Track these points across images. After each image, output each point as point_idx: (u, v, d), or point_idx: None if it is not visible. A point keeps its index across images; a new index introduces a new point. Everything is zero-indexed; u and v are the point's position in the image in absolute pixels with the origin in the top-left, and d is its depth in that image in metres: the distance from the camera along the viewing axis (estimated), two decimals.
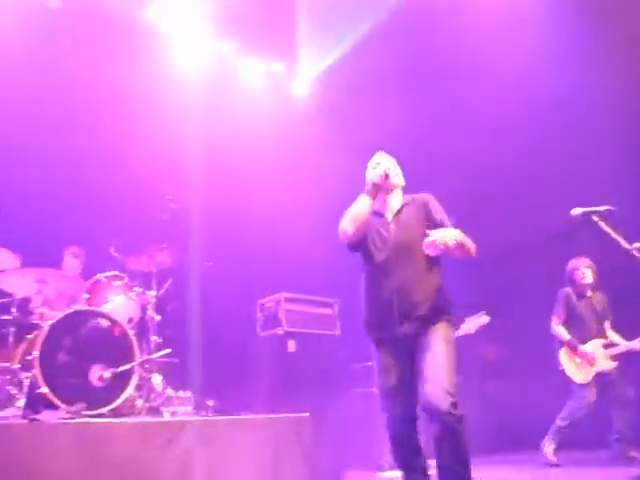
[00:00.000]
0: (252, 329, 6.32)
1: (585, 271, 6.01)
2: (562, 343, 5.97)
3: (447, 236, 3.26)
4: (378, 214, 3.67)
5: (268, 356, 6.02)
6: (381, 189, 3.59)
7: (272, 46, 7.35)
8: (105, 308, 4.75)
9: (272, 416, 4.40)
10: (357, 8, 6.88)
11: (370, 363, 5.40)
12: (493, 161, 6.88)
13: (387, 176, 3.57)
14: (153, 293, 5.12)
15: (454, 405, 3.17)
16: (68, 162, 5.79)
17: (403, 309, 3.42)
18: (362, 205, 3.54)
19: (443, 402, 3.14)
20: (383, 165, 3.64)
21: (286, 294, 6.26)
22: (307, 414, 4.40)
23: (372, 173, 3.65)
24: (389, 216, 3.64)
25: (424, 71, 6.86)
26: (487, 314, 5.39)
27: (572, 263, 6.13)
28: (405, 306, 3.42)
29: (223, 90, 7.09)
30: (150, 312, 5.06)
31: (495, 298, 5.78)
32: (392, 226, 3.58)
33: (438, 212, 3.59)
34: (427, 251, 3.29)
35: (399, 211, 3.63)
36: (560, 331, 5.98)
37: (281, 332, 6.02)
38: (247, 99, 7.33)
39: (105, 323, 4.52)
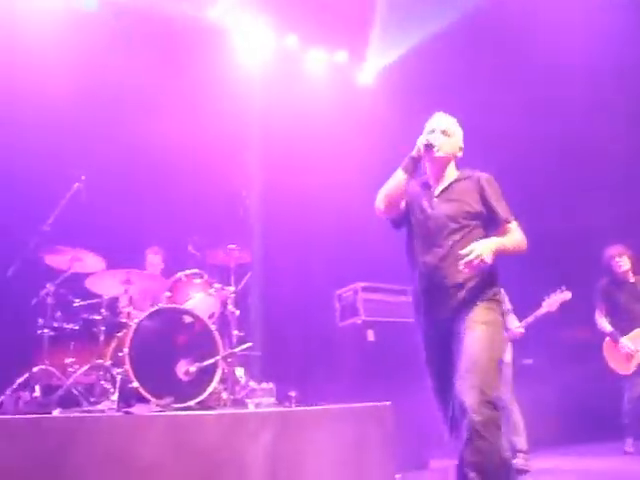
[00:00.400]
0: (331, 319, 6.38)
1: (620, 259, 5.92)
2: (605, 335, 5.86)
3: (484, 251, 2.91)
4: (426, 185, 3.36)
5: (348, 346, 6.06)
6: (420, 162, 3.24)
7: (335, 36, 7.31)
8: (187, 305, 4.91)
9: (354, 406, 4.42)
10: (430, 4, 6.77)
11: None
12: (570, 147, 6.73)
13: (428, 148, 3.16)
14: (232, 288, 5.24)
15: (484, 404, 2.75)
16: (143, 166, 6.01)
17: (440, 290, 3.10)
18: (396, 181, 3.23)
19: (470, 400, 2.76)
20: (436, 133, 3.25)
21: (362, 284, 6.28)
22: (388, 403, 4.40)
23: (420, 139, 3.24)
24: (437, 190, 3.30)
25: (491, 68, 6.77)
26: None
27: (607, 252, 6.04)
28: (442, 287, 3.09)
29: (287, 83, 7.13)
30: (230, 307, 5.18)
31: (574, 279, 5.60)
32: (436, 200, 3.26)
33: (493, 196, 3.21)
34: (465, 271, 2.96)
35: (448, 186, 3.29)
36: (602, 323, 5.89)
37: (360, 322, 6.04)
38: (311, 90, 7.35)
39: (188, 319, 4.68)
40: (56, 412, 4.10)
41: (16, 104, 5.48)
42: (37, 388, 4.36)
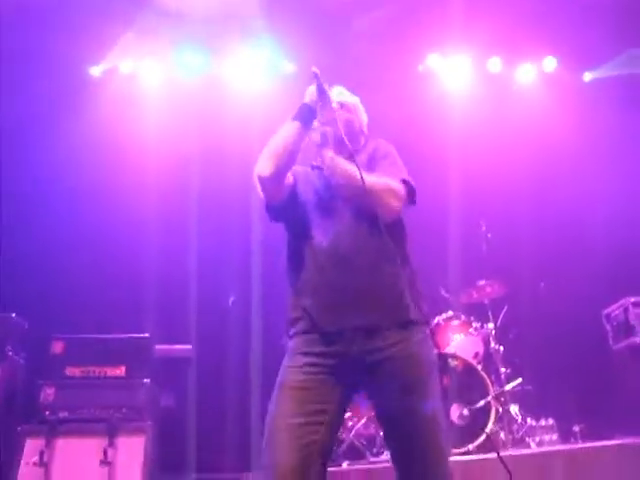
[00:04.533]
0: (602, 342, 5.90)
1: None
2: None
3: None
4: (314, 167, 2.54)
5: (628, 370, 5.52)
6: (314, 115, 2.40)
7: (540, 45, 6.95)
8: (450, 348, 4.94)
9: None
10: None
11: None
12: None
13: (321, 91, 2.37)
14: (491, 325, 5.17)
15: None
16: None
17: (347, 295, 2.21)
18: (289, 132, 2.36)
19: None
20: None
21: (632, 298, 5.73)
22: None
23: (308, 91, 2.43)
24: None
25: None
26: None
27: None
28: (350, 291, 2.21)
29: (497, 102, 6.91)
30: (493, 344, 5.10)
31: None
32: (328, 177, 2.41)
33: (384, 157, 2.47)
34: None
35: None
36: None
37: (638, 341, 5.50)
38: (524, 102, 7.07)
39: (453, 363, 4.71)
40: (345, 464, 4.38)
41: None
42: None
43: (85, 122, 6.09)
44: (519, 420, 4.78)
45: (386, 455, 4.42)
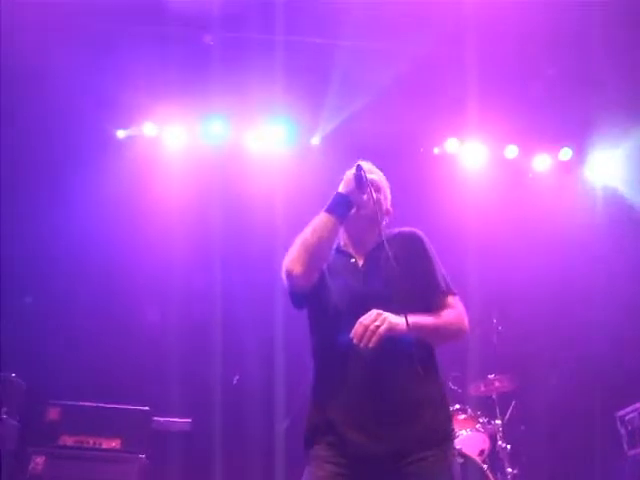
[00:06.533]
0: (616, 447, 5.66)
1: None
2: None
3: (370, 322, 2.02)
4: (341, 252, 2.40)
5: None
6: (351, 206, 2.26)
7: (557, 136, 7.00)
8: (456, 444, 4.74)
9: None
10: None
11: None
12: None
13: (359, 180, 2.21)
14: (499, 422, 5.00)
15: None
16: None
17: (379, 416, 2.10)
18: (324, 228, 2.19)
19: None
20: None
21: None
22: None
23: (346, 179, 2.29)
24: (359, 258, 2.35)
25: None
26: None
27: None
28: (383, 412, 2.10)
29: (516, 190, 6.88)
30: (500, 442, 4.92)
31: None
32: (362, 271, 2.30)
33: (430, 258, 2.35)
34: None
35: (375, 251, 2.30)
36: None
37: None
38: (542, 192, 7.04)
39: (458, 460, 4.50)
40: None
41: None
42: None
43: (109, 181, 6.04)
44: None
45: None
